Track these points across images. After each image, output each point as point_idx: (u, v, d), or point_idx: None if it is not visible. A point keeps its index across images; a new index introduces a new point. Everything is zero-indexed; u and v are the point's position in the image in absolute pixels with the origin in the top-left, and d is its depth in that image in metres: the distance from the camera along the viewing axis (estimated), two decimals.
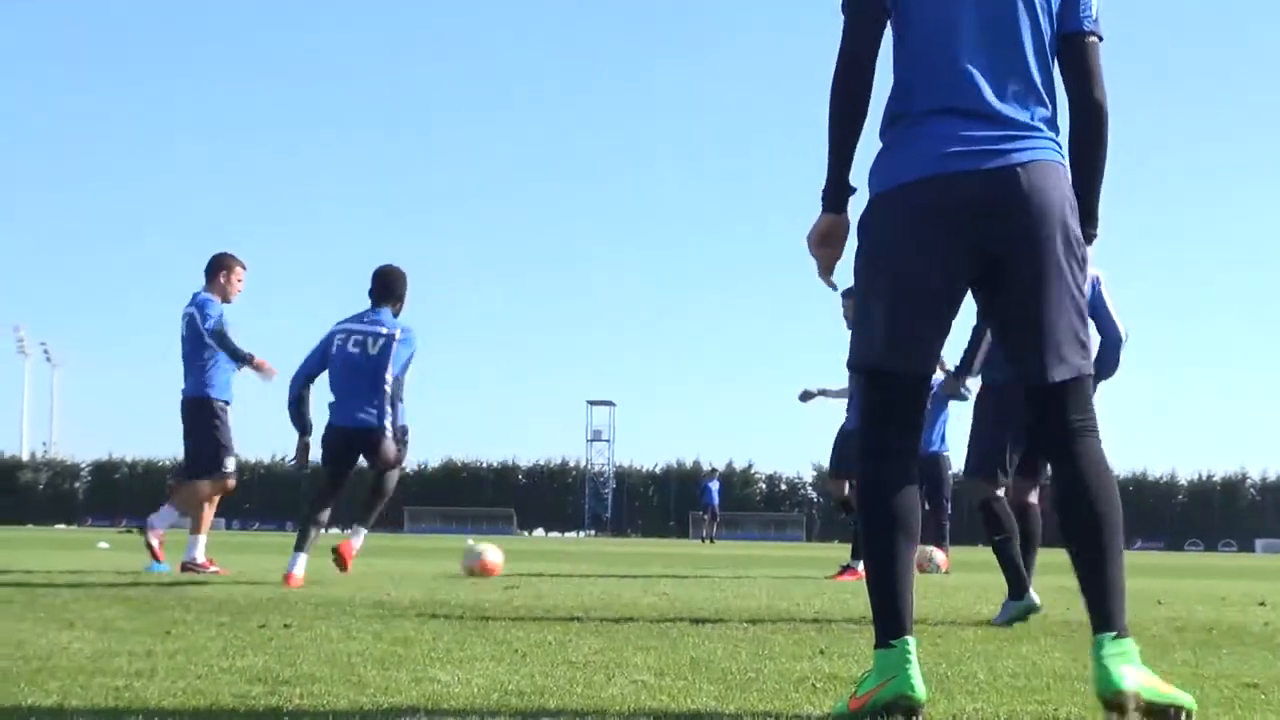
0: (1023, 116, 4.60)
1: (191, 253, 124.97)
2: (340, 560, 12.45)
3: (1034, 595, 9.13)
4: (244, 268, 14.29)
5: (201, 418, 13.84)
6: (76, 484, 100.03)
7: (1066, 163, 4.71)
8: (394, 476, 12.85)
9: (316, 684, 5.06)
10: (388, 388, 12.31)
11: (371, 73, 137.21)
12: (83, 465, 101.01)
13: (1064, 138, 4.76)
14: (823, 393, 17.22)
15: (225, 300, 14.05)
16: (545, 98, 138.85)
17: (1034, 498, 9.79)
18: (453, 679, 5.30)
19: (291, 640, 6.70)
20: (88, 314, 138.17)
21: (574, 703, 4.70)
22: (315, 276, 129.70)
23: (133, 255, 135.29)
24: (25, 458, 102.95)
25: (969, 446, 9.78)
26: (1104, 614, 4.41)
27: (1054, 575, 19.33)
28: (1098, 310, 9.46)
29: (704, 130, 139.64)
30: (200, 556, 13.64)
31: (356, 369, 12.35)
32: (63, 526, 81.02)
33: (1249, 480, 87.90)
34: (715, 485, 63.46)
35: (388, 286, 12.75)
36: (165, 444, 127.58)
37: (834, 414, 17.26)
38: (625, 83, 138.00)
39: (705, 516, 63.22)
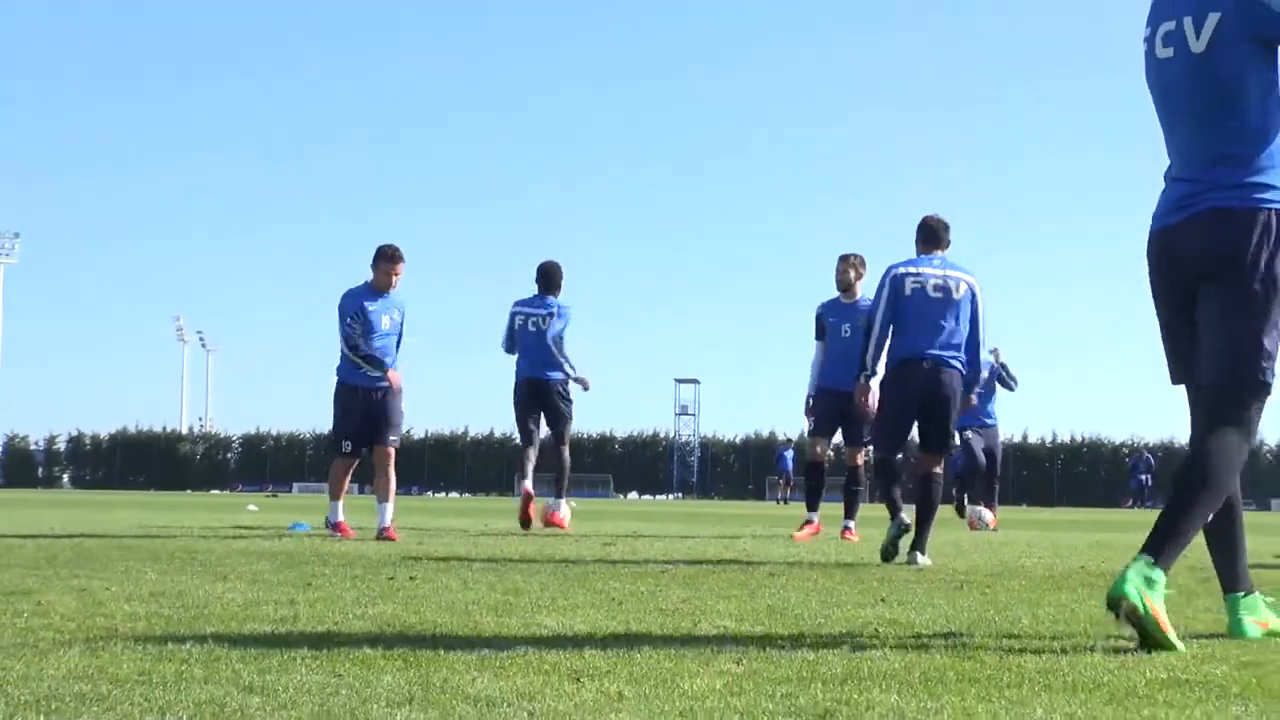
0: (1214, 174, 5.09)
1: (332, 246, 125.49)
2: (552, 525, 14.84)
3: (904, 516, 10.29)
4: (400, 261, 12.88)
5: (334, 399, 13.02)
6: (228, 454, 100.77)
7: (1258, 203, 5.03)
8: (565, 451, 15.04)
9: (438, 629, 5.10)
10: (551, 346, 14.96)
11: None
12: (234, 438, 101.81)
13: None
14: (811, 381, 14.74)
15: (380, 292, 12.87)
16: (641, 77, 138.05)
17: (939, 469, 10.43)
18: (558, 624, 5.32)
19: (416, 591, 6.75)
20: (238, 303, 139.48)
21: (665, 645, 4.71)
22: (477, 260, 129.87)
23: (280, 249, 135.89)
24: (184, 432, 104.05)
25: (876, 425, 10.90)
26: (1152, 544, 4.87)
27: (1095, 531, 19.17)
28: (972, 317, 10.39)
29: (774, 120, 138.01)
30: (339, 517, 12.81)
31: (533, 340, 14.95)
32: (217, 492, 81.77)
33: (1265, 446, 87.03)
34: (789, 454, 63.45)
35: (550, 278, 15.24)
36: (305, 418, 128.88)
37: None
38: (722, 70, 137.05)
39: (780, 481, 63.12)
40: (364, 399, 12.82)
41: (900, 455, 10.78)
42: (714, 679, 3.97)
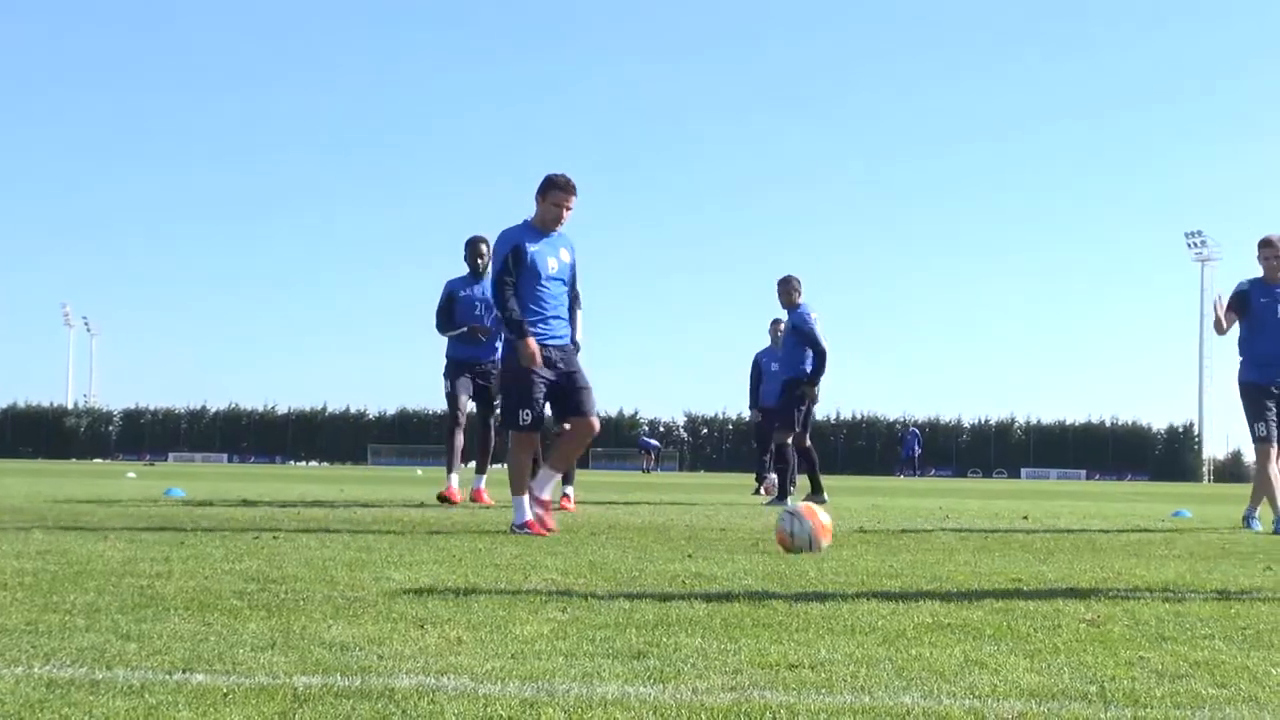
0: None
1: (205, 241, 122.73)
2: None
3: (789, 500, 13.62)
4: (575, 193, 8.78)
5: (501, 362, 9.51)
6: (110, 427, 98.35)
7: None
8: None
9: (298, 582, 5.04)
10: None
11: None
12: (115, 413, 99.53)
13: None
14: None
15: (544, 230, 8.80)
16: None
17: (806, 443, 14.44)
18: (404, 578, 5.28)
19: (278, 549, 6.66)
20: (120, 292, 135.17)
21: (499, 596, 4.70)
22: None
23: (160, 242, 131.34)
24: (70, 407, 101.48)
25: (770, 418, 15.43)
26: None
27: (871, 496, 19.49)
28: (811, 333, 13.72)
29: (599, 125, 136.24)
30: (529, 515, 8.52)
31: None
32: (99, 461, 79.74)
33: (1016, 424, 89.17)
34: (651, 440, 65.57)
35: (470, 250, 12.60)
36: (180, 395, 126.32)
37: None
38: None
39: (644, 453, 65.24)
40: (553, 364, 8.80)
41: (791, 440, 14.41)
42: (542, 625, 3.98)
